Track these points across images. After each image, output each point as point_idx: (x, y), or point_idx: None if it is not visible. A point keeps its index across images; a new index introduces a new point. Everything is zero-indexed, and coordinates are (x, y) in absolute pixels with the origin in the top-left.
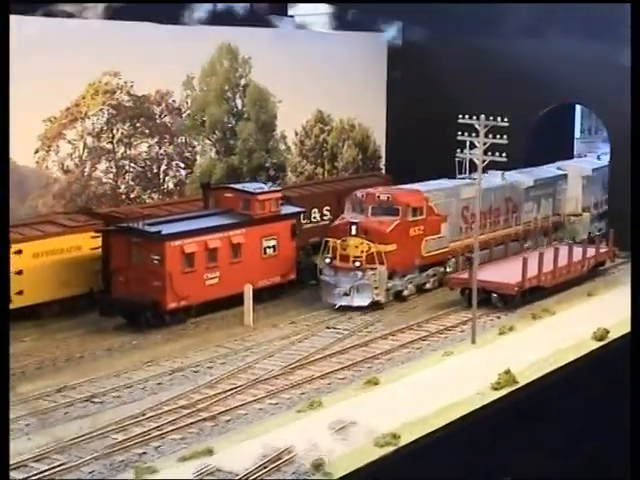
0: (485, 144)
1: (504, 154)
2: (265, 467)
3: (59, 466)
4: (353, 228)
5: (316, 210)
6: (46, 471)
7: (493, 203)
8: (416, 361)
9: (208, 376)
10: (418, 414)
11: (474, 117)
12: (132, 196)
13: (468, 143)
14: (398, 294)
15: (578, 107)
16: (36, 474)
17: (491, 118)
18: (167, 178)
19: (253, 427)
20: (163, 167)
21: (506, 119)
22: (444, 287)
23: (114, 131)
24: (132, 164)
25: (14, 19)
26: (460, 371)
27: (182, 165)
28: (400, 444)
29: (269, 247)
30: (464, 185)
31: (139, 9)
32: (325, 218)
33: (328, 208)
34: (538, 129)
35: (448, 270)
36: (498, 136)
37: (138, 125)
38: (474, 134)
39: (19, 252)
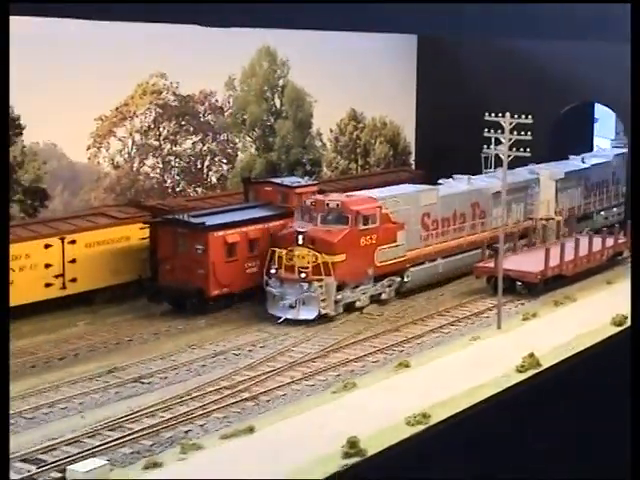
0: (510, 140)
1: (528, 149)
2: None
3: (111, 441)
4: (300, 238)
5: None
6: (99, 446)
7: (458, 209)
8: (445, 345)
9: (249, 359)
10: (447, 395)
11: (499, 114)
12: (177, 190)
13: (493, 139)
14: (350, 306)
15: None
16: (89, 449)
17: (515, 116)
18: (210, 173)
19: (291, 407)
20: (206, 163)
21: (530, 116)
22: (469, 276)
23: (161, 129)
24: (177, 160)
25: (70, 23)
26: (486, 355)
27: (224, 161)
28: (430, 423)
29: None
30: (424, 191)
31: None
32: None
33: None
34: (559, 127)
35: (406, 280)
36: (522, 133)
37: (183, 123)
38: (500, 131)
39: (73, 242)
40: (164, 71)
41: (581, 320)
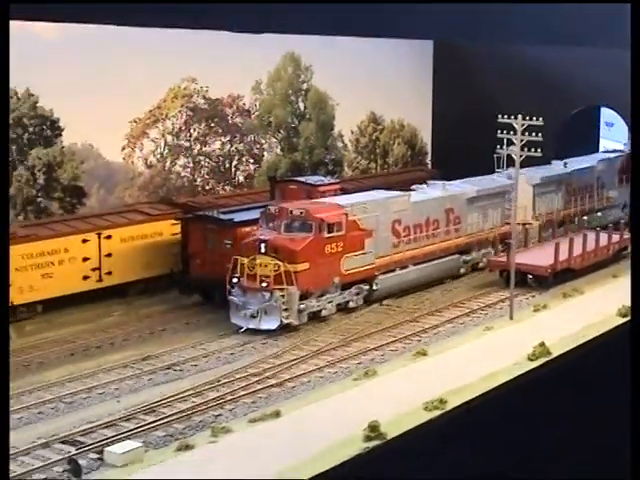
0: (522, 141)
1: (539, 150)
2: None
3: (146, 425)
4: (262, 246)
5: None
6: (134, 429)
7: (431, 215)
8: (460, 335)
9: (275, 348)
10: (462, 382)
11: (512, 117)
12: (207, 188)
13: (505, 140)
14: (316, 314)
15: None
16: (125, 432)
17: (527, 118)
18: (238, 172)
19: (315, 393)
20: (234, 162)
21: (540, 119)
22: (483, 271)
23: (191, 130)
24: (207, 160)
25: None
26: (499, 344)
27: (251, 160)
28: (446, 408)
29: None
30: (394, 198)
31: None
32: None
33: None
34: (568, 129)
35: (375, 288)
36: (533, 134)
37: (212, 125)
38: (511, 132)
39: (109, 237)
40: (194, 76)
41: (588, 311)
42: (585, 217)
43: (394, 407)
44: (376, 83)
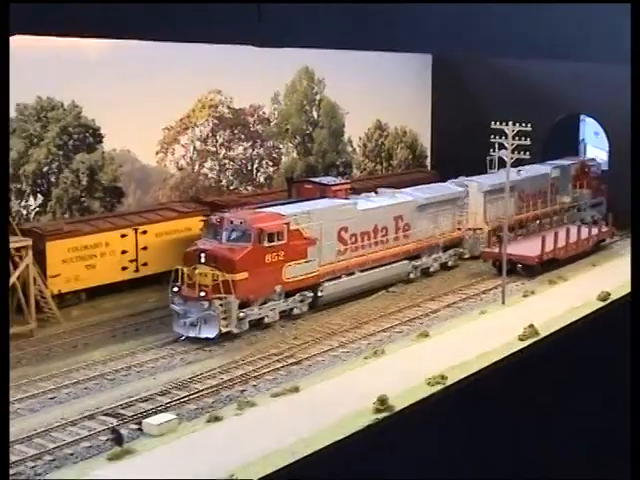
0: (513, 145)
1: (527, 153)
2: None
3: (179, 399)
4: (202, 256)
5: None
6: (169, 403)
7: (379, 222)
8: (457, 318)
9: (294, 330)
10: (461, 359)
11: (503, 123)
12: (231, 188)
13: (497, 145)
14: (259, 322)
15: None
16: (159, 406)
17: (517, 124)
18: (259, 174)
19: (329, 370)
20: (255, 165)
21: (529, 125)
22: (477, 260)
23: (217, 137)
24: (231, 163)
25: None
26: (493, 326)
27: (270, 163)
28: (447, 383)
29: None
30: (340, 206)
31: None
32: None
33: None
34: (552, 135)
35: (319, 295)
36: (522, 138)
37: (236, 132)
38: (503, 137)
39: (144, 232)
40: (220, 88)
41: (572, 296)
42: (538, 221)
43: (400, 382)
44: (381, 94)
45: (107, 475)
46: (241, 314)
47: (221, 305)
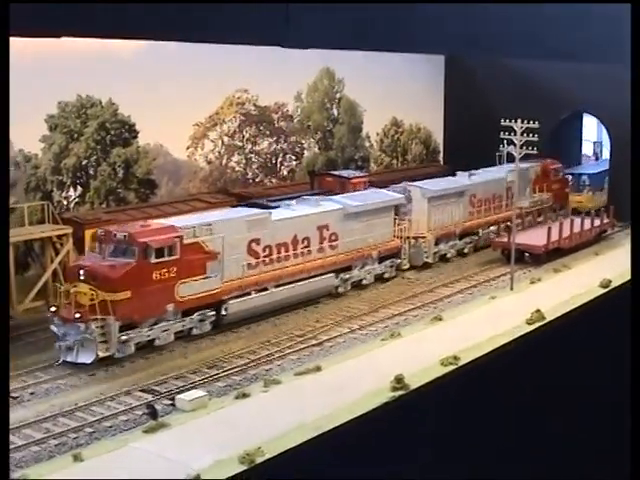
0: (521, 141)
1: (535, 148)
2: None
3: (209, 377)
4: (81, 273)
5: None
6: (199, 381)
7: (299, 233)
8: (469, 303)
9: (316, 314)
10: (472, 342)
11: (512, 120)
12: (257, 180)
13: (505, 141)
14: (150, 343)
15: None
16: (191, 382)
17: (525, 121)
18: (282, 167)
19: (349, 351)
20: (279, 159)
21: (537, 122)
22: (487, 249)
23: (244, 132)
24: (257, 157)
25: (174, 48)
26: (502, 310)
27: (293, 158)
28: (459, 364)
29: None
30: (249, 216)
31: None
32: None
33: None
34: (557, 133)
35: (223, 314)
36: (530, 135)
37: (261, 128)
38: (512, 133)
39: None
40: (246, 87)
41: (575, 283)
42: (493, 227)
43: (416, 363)
44: (397, 93)
45: (143, 446)
46: (123, 337)
47: (100, 327)
